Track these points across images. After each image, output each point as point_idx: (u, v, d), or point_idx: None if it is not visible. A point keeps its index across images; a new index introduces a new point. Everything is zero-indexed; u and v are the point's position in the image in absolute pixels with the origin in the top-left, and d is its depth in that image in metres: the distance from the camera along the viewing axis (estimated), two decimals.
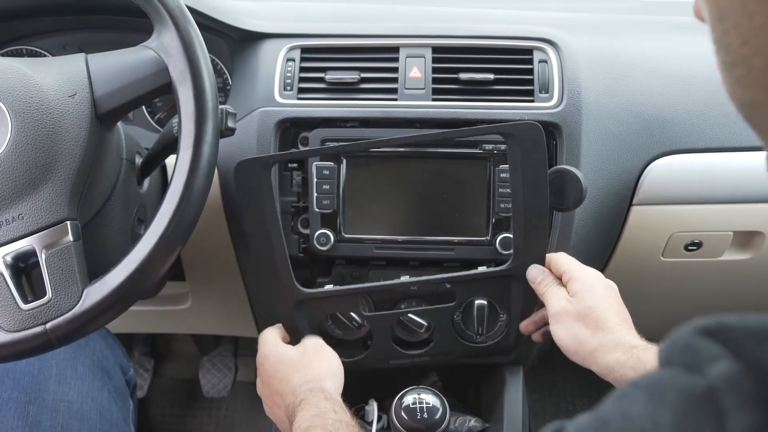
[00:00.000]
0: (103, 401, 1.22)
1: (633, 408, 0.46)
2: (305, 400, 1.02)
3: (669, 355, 0.47)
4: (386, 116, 1.25)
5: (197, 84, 0.93)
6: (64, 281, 0.89)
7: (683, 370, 0.44)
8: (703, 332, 0.44)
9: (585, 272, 1.12)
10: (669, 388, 0.44)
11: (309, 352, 1.14)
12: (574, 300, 1.08)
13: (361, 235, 1.26)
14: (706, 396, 0.42)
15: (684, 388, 0.44)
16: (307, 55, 1.31)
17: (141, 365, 2.17)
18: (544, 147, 1.14)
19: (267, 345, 1.16)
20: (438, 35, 1.32)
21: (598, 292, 1.08)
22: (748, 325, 0.43)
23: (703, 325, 0.45)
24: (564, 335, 1.08)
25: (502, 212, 1.23)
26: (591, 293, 1.08)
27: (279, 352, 1.14)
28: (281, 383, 1.09)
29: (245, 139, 1.26)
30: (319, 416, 0.97)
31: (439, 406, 1.12)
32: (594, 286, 1.09)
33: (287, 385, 1.07)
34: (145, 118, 1.46)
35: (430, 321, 1.27)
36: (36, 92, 0.92)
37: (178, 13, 0.95)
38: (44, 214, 0.90)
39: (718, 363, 0.42)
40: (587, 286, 1.09)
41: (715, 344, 0.43)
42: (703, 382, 0.43)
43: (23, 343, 0.88)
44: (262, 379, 1.14)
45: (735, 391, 0.41)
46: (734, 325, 0.43)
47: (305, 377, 1.07)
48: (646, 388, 0.46)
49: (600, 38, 1.40)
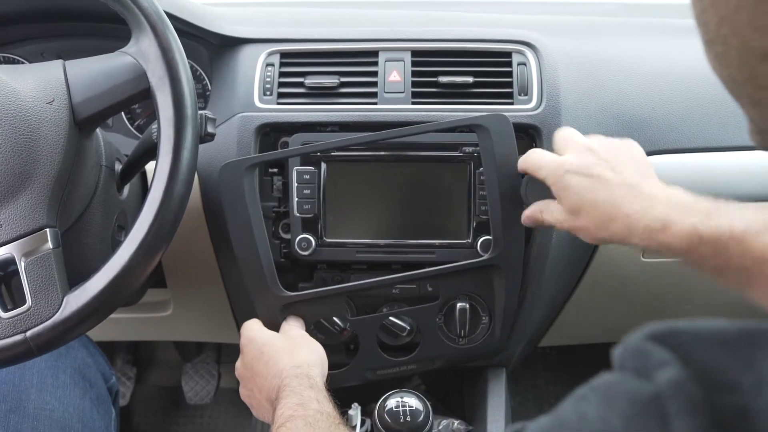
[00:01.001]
0: (84, 409, 1.22)
1: (589, 411, 0.47)
2: (289, 386, 1.01)
3: (621, 360, 0.48)
4: (366, 120, 1.25)
5: (176, 89, 0.93)
6: (43, 289, 0.89)
7: (633, 375, 0.45)
8: (653, 338, 0.45)
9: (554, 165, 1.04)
10: (619, 393, 0.46)
11: (296, 340, 1.15)
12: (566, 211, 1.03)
13: (343, 240, 1.26)
14: (652, 401, 0.43)
15: (632, 393, 0.45)
16: (287, 60, 1.31)
17: (123, 373, 2.16)
18: (512, 136, 1.17)
19: (253, 330, 1.17)
20: (417, 39, 1.32)
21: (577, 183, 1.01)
22: (697, 331, 0.44)
23: (654, 330, 0.45)
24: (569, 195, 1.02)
25: (483, 215, 1.23)
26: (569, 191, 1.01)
27: (266, 336, 1.15)
28: (266, 366, 1.09)
29: (225, 145, 1.26)
30: (302, 406, 0.97)
31: (422, 409, 1.13)
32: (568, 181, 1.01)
33: (272, 368, 1.07)
34: (124, 125, 1.46)
35: (414, 324, 1.27)
36: (13, 99, 0.92)
37: (156, 18, 0.95)
38: (23, 221, 0.90)
39: (666, 369, 0.43)
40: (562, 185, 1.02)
41: (664, 350, 0.44)
42: (650, 388, 0.44)
43: (3, 352, 0.88)
44: (245, 361, 1.14)
45: (680, 397, 0.42)
46: (684, 331, 0.44)
47: (292, 362, 1.07)
48: (600, 391, 0.48)
49: (578, 40, 1.41)
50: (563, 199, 1.03)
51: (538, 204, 1.11)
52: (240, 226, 1.18)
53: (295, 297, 1.22)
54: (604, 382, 0.48)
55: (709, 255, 0.90)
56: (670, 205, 0.94)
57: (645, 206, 0.95)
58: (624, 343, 0.47)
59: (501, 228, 1.19)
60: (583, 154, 1.02)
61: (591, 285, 1.43)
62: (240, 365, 1.16)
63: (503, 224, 1.19)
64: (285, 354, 1.10)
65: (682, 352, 0.43)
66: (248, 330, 1.17)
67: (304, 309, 1.22)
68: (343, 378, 1.24)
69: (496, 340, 1.28)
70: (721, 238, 0.88)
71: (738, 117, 0.59)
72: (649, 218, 0.94)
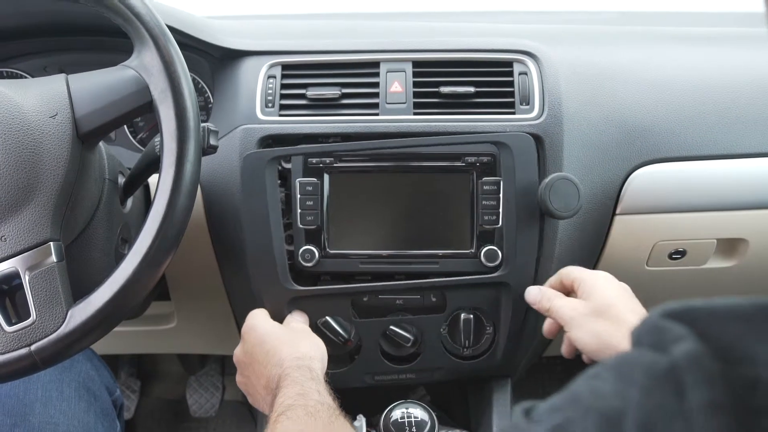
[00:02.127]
0: (89, 423, 1.21)
1: (603, 386, 0.48)
2: (290, 375, 1.02)
3: (638, 336, 0.49)
4: (368, 131, 1.25)
5: (178, 102, 0.93)
6: (48, 302, 0.89)
7: (650, 349, 0.46)
8: (670, 315, 0.46)
9: (596, 274, 1.11)
10: (636, 367, 0.46)
11: (299, 332, 1.17)
12: (586, 301, 1.07)
13: (346, 251, 1.26)
14: (668, 373, 0.44)
15: (649, 366, 0.46)
16: (288, 72, 1.31)
17: (128, 386, 2.16)
18: (535, 157, 1.20)
19: (257, 318, 1.18)
20: (418, 50, 1.32)
21: (612, 290, 1.07)
22: (713, 307, 0.44)
23: (670, 308, 0.46)
24: (584, 336, 1.05)
25: (486, 224, 1.23)
26: (604, 291, 1.07)
27: (270, 325, 1.16)
28: (267, 355, 1.09)
29: (228, 157, 1.26)
30: (302, 396, 0.97)
31: (428, 420, 1.12)
32: (606, 285, 1.08)
33: (274, 356, 1.08)
34: (127, 138, 1.46)
35: (417, 335, 1.27)
36: (17, 113, 0.92)
37: (159, 32, 0.95)
38: (27, 235, 0.90)
39: (682, 343, 0.43)
40: (600, 286, 1.08)
41: (680, 325, 0.45)
42: (667, 360, 0.44)
43: (8, 366, 0.88)
44: (245, 347, 1.15)
45: (695, 369, 0.42)
46: (700, 308, 0.45)
47: (294, 353, 1.08)
48: (616, 367, 0.49)
49: (579, 49, 1.41)
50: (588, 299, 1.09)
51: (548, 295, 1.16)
52: (257, 216, 1.21)
53: (304, 292, 1.24)
54: (620, 359, 0.49)
55: None
56: None
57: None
58: (641, 321, 0.48)
59: (515, 246, 1.20)
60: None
61: None
62: (240, 351, 1.17)
63: (517, 242, 1.19)
64: (287, 345, 1.10)
65: (699, 328, 0.44)
66: (253, 318, 1.18)
67: (310, 305, 1.24)
68: (342, 379, 1.24)
69: (500, 353, 1.28)
70: None
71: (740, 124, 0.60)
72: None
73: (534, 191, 1.19)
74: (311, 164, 1.24)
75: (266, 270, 1.23)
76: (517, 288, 1.24)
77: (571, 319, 1.07)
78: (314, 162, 1.24)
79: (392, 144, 1.23)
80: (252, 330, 1.16)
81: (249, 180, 1.21)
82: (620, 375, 0.48)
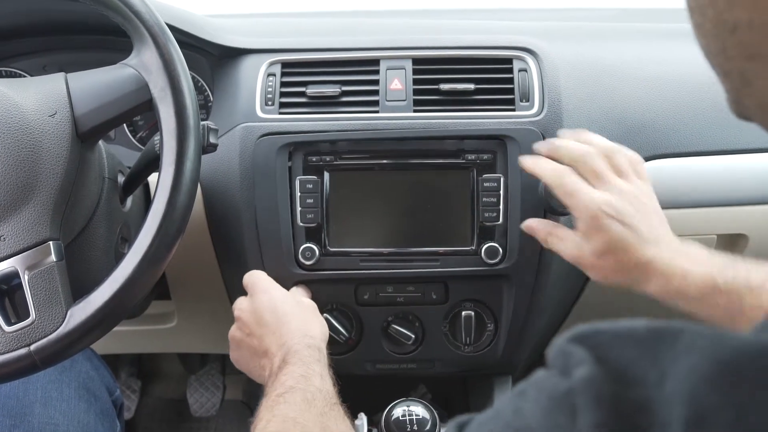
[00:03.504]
0: (89, 423, 1.21)
1: (524, 404, 0.50)
2: (299, 353, 1.01)
3: (551, 360, 0.51)
4: (368, 128, 1.25)
5: (178, 100, 0.93)
6: (47, 302, 0.88)
7: (557, 373, 0.49)
8: (575, 339, 0.48)
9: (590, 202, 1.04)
10: (543, 389, 0.50)
11: (309, 310, 1.16)
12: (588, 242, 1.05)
13: (346, 248, 1.26)
14: (566, 396, 0.47)
15: (552, 389, 0.49)
16: (288, 70, 1.31)
17: (128, 386, 2.16)
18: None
19: (268, 281, 1.17)
20: (418, 47, 1.32)
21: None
22: (616, 330, 0.47)
23: (578, 331, 0.49)
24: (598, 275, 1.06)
25: (487, 221, 1.23)
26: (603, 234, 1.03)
27: (283, 294, 1.15)
28: (278, 323, 1.08)
29: (228, 155, 1.26)
30: (305, 378, 0.97)
31: (429, 418, 1.12)
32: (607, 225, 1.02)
33: (284, 327, 1.07)
34: (126, 137, 1.46)
35: (419, 332, 1.27)
36: (16, 112, 0.92)
37: (158, 30, 0.95)
38: (26, 234, 0.89)
39: (581, 367, 0.46)
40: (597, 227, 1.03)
41: (583, 350, 0.47)
42: (566, 384, 0.47)
43: (7, 366, 0.87)
44: (254, 306, 1.12)
45: (588, 392, 0.45)
46: (604, 331, 0.47)
47: (306, 330, 1.07)
48: (533, 387, 0.51)
49: (579, 46, 1.41)
50: (592, 238, 1.04)
51: (546, 227, 1.13)
52: (267, 198, 1.23)
53: (308, 276, 1.24)
54: (536, 380, 0.52)
55: (723, 304, 0.94)
56: (690, 257, 0.99)
57: (668, 257, 1.00)
58: (553, 344, 0.50)
59: (518, 239, 1.20)
60: (617, 197, 1.03)
61: (597, 289, 1.42)
62: (247, 307, 1.14)
63: (520, 236, 1.20)
64: (299, 320, 1.10)
65: (599, 352, 0.46)
66: (262, 280, 1.17)
67: (314, 289, 1.25)
68: (343, 365, 1.24)
69: (501, 349, 1.28)
70: (738, 289, 0.93)
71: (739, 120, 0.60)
72: (671, 268, 0.99)
73: (537, 187, 1.20)
74: (311, 162, 1.24)
75: (271, 253, 1.23)
76: (519, 281, 1.24)
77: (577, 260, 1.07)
78: (314, 160, 1.24)
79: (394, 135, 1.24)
80: (264, 293, 1.13)
81: (261, 164, 1.23)
82: (534, 395, 0.50)
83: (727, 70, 0.50)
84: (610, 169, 1.07)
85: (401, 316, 1.29)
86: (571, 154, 1.08)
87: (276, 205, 1.23)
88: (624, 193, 1.04)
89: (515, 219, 1.21)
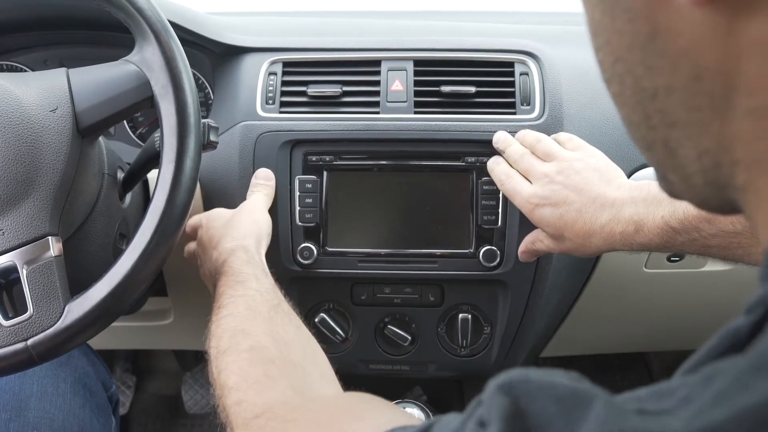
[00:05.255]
0: (85, 418, 1.21)
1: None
2: (227, 261, 1.03)
3: (475, 403, 0.51)
4: (368, 129, 1.25)
5: (179, 98, 0.93)
6: (45, 297, 0.88)
7: (476, 423, 0.48)
8: (503, 387, 0.46)
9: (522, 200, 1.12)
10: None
11: (241, 212, 1.16)
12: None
13: (344, 249, 1.26)
14: None
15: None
16: (289, 69, 1.31)
17: (123, 382, 2.16)
18: None
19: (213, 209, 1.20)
20: (419, 48, 1.32)
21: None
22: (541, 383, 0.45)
23: (506, 379, 0.47)
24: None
25: (485, 224, 1.23)
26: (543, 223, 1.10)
27: (217, 211, 1.18)
28: (211, 239, 1.11)
29: (227, 153, 1.26)
30: (240, 284, 0.98)
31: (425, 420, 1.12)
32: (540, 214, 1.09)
33: (215, 239, 1.10)
34: (126, 133, 1.46)
35: (415, 333, 1.28)
36: (17, 107, 0.92)
37: (160, 27, 0.95)
38: (25, 229, 0.89)
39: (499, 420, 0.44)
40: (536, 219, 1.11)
41: (506, 400, 0.45)
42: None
43: (4, 360, 0.87)
44: (203, 229, 1.16)
45: None
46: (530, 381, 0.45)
47: (231, 235, 1.09)
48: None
49: (581, 50, 1.40)
50: (543, 229, 1.11)
51: (530, 236, 1.17)
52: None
53: (306, 274, 1.25)
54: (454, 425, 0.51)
55: (686, 243, 0.96)
56: (637, 203, 1.00)
57: (613, 213, 1.01)
58: (485, 389, 0.49)
59: (515, 245, 1.20)
60: (543, 182, 1.08)
61: (593, 296, 1.43)
62: (197, 240, 1.18)
63: (518, 242, 1.20)
64: (225, 227, 1.11)
65: (521, 404, 0.44)
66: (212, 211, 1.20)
67: (311, 289, 1.26)
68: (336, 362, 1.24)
69: (495, 353, 1.29)
70: (692, 222, 0.93)
71: None
72: (622, 223, 0.99)
73: None
74: (311, 162, 1.24)
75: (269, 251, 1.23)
76: (514, 288, 1.25)
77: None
78: (314, 159, 1.24)
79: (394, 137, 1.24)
80: (204, 218, 1.17)
81: (261, 160, 1.24)
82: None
83: (650, 142, 0.48)
84: (538, 159, 1.13)
85: (397, 317, 1.30)
86: (509, 158, 1.17)
87: (275, 203, 1.23)
88: (549, 175, 1.08)
89: (514, 222, 1.21)
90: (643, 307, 1.55)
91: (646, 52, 0.43)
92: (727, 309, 1.56)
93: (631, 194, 1.01)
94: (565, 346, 1.72)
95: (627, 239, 1.00)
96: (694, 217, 0.94)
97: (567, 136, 1.18)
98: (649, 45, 0.42)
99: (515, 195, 1.12)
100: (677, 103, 0.43)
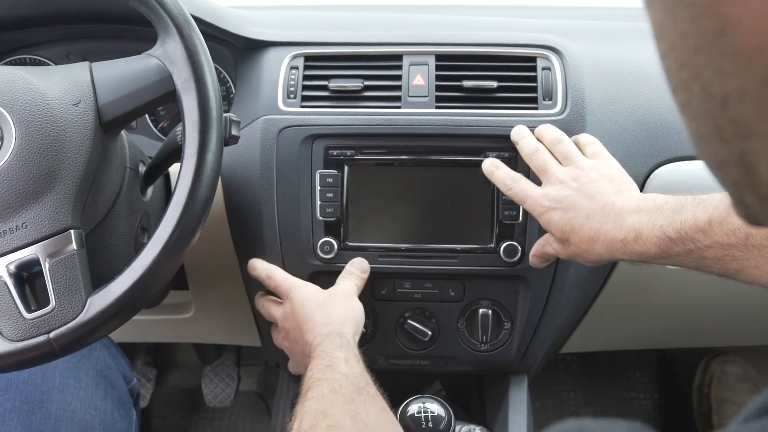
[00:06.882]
0: (106, 411, 1.22)
1: None
2: (321, 345, 1.04)
3: None
4: (390, 124, 1.24)
5: (201, 92, 0.93)
6: (67, 290, 0.89)
7: None
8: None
9: (533, 202, 1.12)
10: None
11: (336, 296, 1.18)
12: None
13: (365, 243, 1.26)
14: None
15: None
16: (311, 63, 1.31)
17: (144, 375, 2.17)
18: None
19: (287, 282, 1.22)
20: (441, 43, 1.31)
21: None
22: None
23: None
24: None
25: (506, 219, 1.23)
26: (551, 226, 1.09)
27: (310, 289, 1.20)
28: (304, 319, 1.13)
29: (249, 147, 1.26)
30: (330, 368, 0.98)
31: (444, 415, 1.12)
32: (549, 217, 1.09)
33: (308, 322, 1.11)
34: (148, 127, 1.46)
35: (435, 329, 1.28)
36: (40, 100, 0.92)
37: (183, 21, 0.95)
38: (48, 222, 0.90)
39: None
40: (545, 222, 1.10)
41: None
42: None
43: (27, 353, 0.88)
44: (286, 311, 1.19)
45: None
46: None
47: (326, 319, 1.10)
48: None
49: (603, 45, 1.40)
50: (550, 233, 1.11)
51: (541, 240, 1.18)
52: (287, 190, 1.24)
53: (326, 268, 1.25)
54: None
55: (682, 254, 0.96)
56: (641, 211, 1.00)
57: (618, 221, 1.01)
58: None
59: (537, 238, 1.20)
60: (556, 187, 1.09)
61: (613, 292, 1.42)
62: (281, 315, 1.20)
63: (539, 237, 1.20)
64: (320, 310, 1.13)
65: None
66: (284, 281, 1.22)
67: (330, 283, 1.24)
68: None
69: (515, 349, 1.28)
70: (688, 233, 0.93)
71: None
72: (623, 231, 1.00)
73: None
74: (332, 156, 1.24)
75: (290, 246, 1.24)
76: (535, 283, 1.24)
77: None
78: (335, 154, 1.24)
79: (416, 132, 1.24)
80: (297, 292, 1.19)
81: (283, 154, 1.24)
82: None
83: (722, 158, 0.42)
84: (554, 159, 1.13)
85: (418, 312, 1.29)
86: (521, 151, 1.17)
87: (296, 198, 1.23)
88: (563, 180, 1.08)
89: (534, 218, 1.21)
90: (664, 304, 1.54)
91: (714, 54, 0.38)
92: (749, 307, 1.56)
93: (638, 204, 1.02)
94: (586, 342, 1.71)
95: (627, 247, 1.00)
96: (690, 226, 0.94)
97: (589, 139, 1.18)
98: (717, 45, 0.37)
99: (525, 198, 1.12)
100: (751, 109, 0.37)
